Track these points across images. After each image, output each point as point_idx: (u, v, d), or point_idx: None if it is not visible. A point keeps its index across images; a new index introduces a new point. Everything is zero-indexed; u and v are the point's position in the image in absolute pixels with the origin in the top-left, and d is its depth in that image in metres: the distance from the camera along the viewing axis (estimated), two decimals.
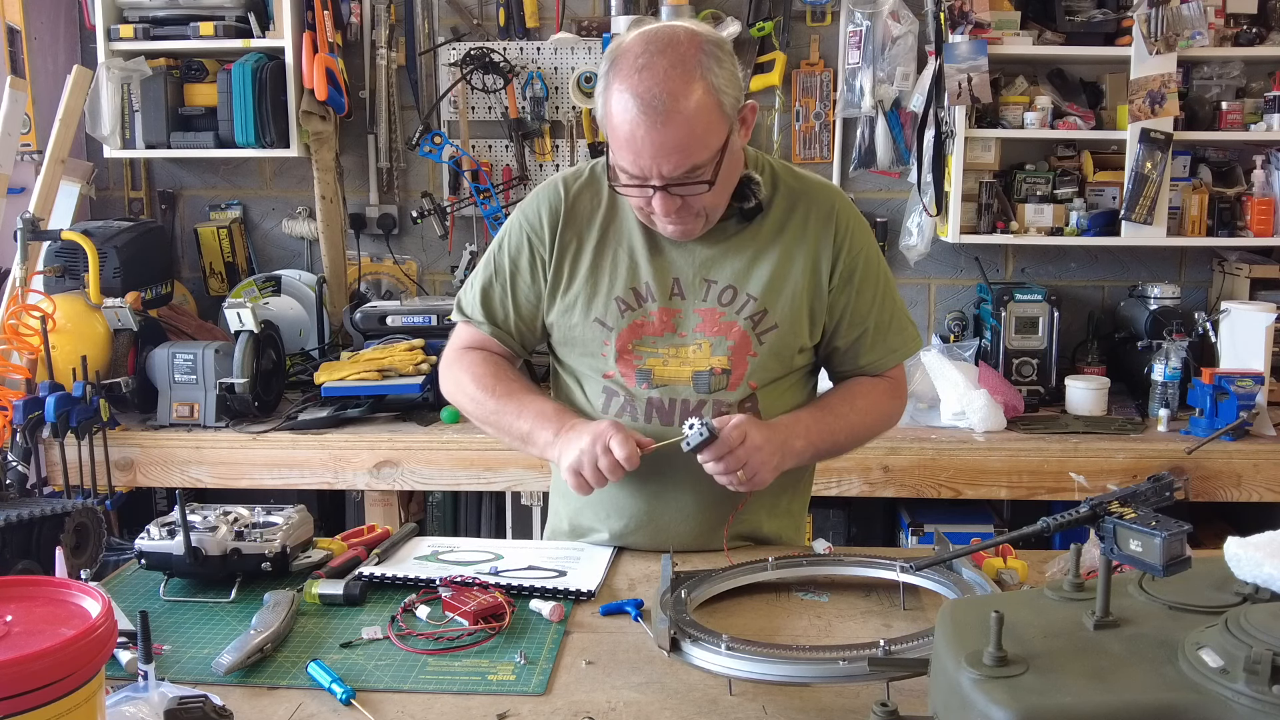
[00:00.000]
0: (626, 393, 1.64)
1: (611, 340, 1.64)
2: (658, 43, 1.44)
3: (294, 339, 3.35)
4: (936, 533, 1.58)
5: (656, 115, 1.42)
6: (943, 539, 1.53)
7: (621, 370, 1.64)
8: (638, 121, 1.43)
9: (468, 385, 1.69)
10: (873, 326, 1.68)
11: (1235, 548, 0.95)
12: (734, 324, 1.62)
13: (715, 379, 1.62)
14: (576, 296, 1.65)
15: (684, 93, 1.42)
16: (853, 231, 1.65)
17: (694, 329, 1.63)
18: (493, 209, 3.36)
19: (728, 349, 1.62)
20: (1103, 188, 3.24)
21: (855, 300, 1.66)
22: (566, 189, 1.67)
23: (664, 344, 1.63)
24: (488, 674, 1.27)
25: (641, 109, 1.42)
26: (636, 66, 1.43)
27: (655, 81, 1.42)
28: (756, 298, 1.62)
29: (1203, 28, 3.02)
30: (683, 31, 1.47)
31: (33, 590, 0.98)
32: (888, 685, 1.10)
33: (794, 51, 3.37)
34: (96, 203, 3.59)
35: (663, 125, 1.42)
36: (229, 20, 3.25)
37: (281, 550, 1.51)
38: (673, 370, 1.62)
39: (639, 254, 1.63)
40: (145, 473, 2.82)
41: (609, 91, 1.46)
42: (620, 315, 1.63)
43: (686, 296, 1.63)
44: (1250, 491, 2.70)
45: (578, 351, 1.68)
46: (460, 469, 2.80)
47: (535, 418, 1.61)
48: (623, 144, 1.46)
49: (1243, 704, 0.76)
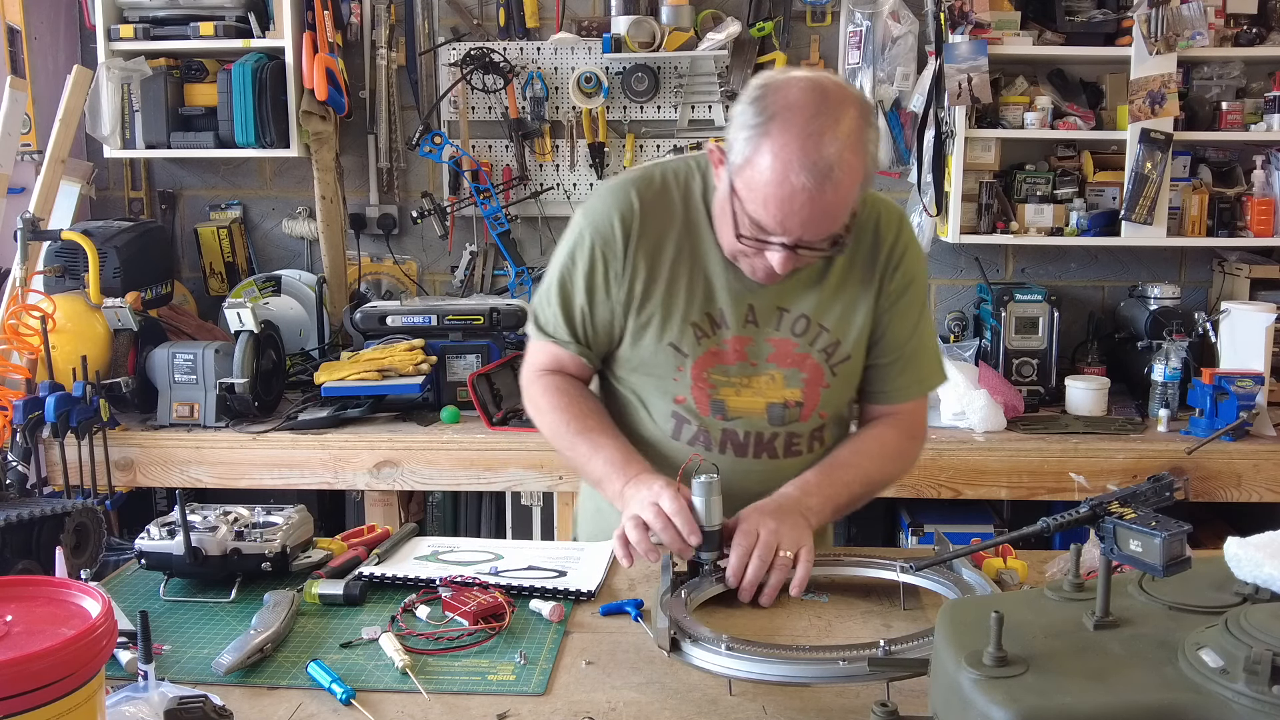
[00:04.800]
0: (699, 421, 1.61)
1: (687, 367, 1.59)
2: (831, 107, 1.35)
3: (294, 339, 3.35)
4: (936, 533, 1.58)
5: (823, 187, 1.34)
6: (943, 539, 1.53)
7: (695, 397, 1.60)
8: (799, 189, 1.34)
9: (547, 413, 1.65)
10: (907, 354, 1.64)
11: (1235, 548, 0.95)
12: (807, 356, 1.59)
13: (789, 411, 1.61)
14: (650, 318, 1.59)
15: (852, 166, 1.36)
16: (908, 256, 1.61)
17: (766, 358, 1.59)
18: (493, 209, 3.36)
19: (801, 381, 1.60)
20: (1103, 188, 3.24)
21: (896, 323, 1.62)
22: (640, 199, 1.58)
23: (737, 373, 1.59)
24: (488, 674, 1.27)
25: (809, 178, 1.34)
26: (808, 131, 1.33)
27: (829, 152, 1.33)
28: (830, 329, 1.59)
29: (1203, 28, 3.02)
30: (852, 94, 1.40)
31: (33, 590, 0.98)
32: (888, 685, 1.10)
33: (794, 51, 3.37)
34: (96, 203, 3.59)
35: (820, 197, 1.35)
36: (229, 20, 3.25)
37: (281, 550, 1.51)
38: (746, 401, 1.60)
39: (715, 277, 1.57)
40: (145, 473, 2.82)
41: (765, 142, 1.36)
42: (696, 342, 1.58)
43: (760, 324, 1.58)
44: (1250, 492, 2.69)
45: (645, 373, 1.63)
46: (460, 469, 2.80)
47: (605, 465, 1.56)
48: (770, 203, 1.38)
49: (1243, 704, 0.76)
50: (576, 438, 1.61)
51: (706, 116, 3.40)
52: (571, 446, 1.62)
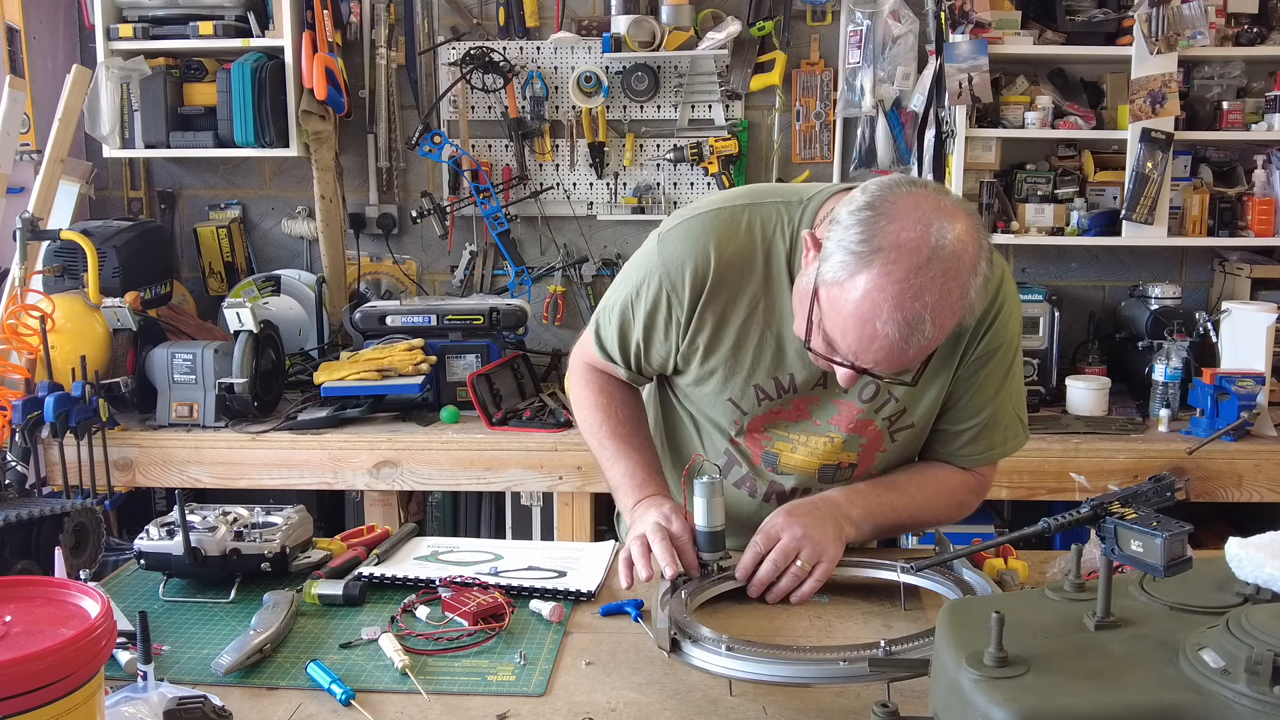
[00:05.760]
0: (751, 468, 1.59)
1: (744, 423, 1.56)
2: (942, 261, 1.22)
3: (293, 339, 3.35)
4: (937, 533, 1.58)
5: (908, 341, 1.24)
6: (943, 539, 1.53)
7: (749, 447, 1.58)
8: (883, 336, 1.24)
9: (586, 409, 1.66)
10: (983, 422, 1.54)
11: (1236, 548, 0.95)
12: (871, 423, 1.53)
13: (841, 471, 1.57)
14: (713, 371, 1.53)
15: (944, 325, 1.25)
16: (1002, 319, 1.48)
17: (829, 420, 1.53)
18: (492, 209, 3.36)
19: (859, 445, 1.55)
20: (1103, 187, 3.24)
21: (977, 390, 1.52)
22: (719, 252, 1.46)
23: (796, 430, 1.55)
24: (487, 674, 1.27)
25: (896, 330, 1.23)
26: (910, 285, 1.21)
27: (926, 308, 1.22)
28: (898, 398, 1.51)
29: (1203, 27, 3.02)
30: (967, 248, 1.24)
31: (32, 590, 0.98)
32: (888, 686, 1.10)
33: (794, 51, 3.36)
34: (96, 202, 3.59)
35: (909, 351, 1.26)
36: (228, 20, 3.25)
37: (281, 550, 1.51)
38: (801, 460, 1.56)
39: (786, 342, 1.48)
40: (144, 473, 2.82)
41: (863, 276, 1.24)
42: (757, 403, 1.53)
43: (829, 387, 1.50)
44: (1251, 492, 2.69)
45: (702, 413, 1.60)
46: (460, 469, 2.80)
47: (624, 476, 1.57)
48: (849, 335, 1.28)
49: (1244, 705, 0.76)
50: (606, 440, 1.62)
51: (706, 116, 3.40)
52: (600, 446, 1.64)
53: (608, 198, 3.46)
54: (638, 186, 3.43)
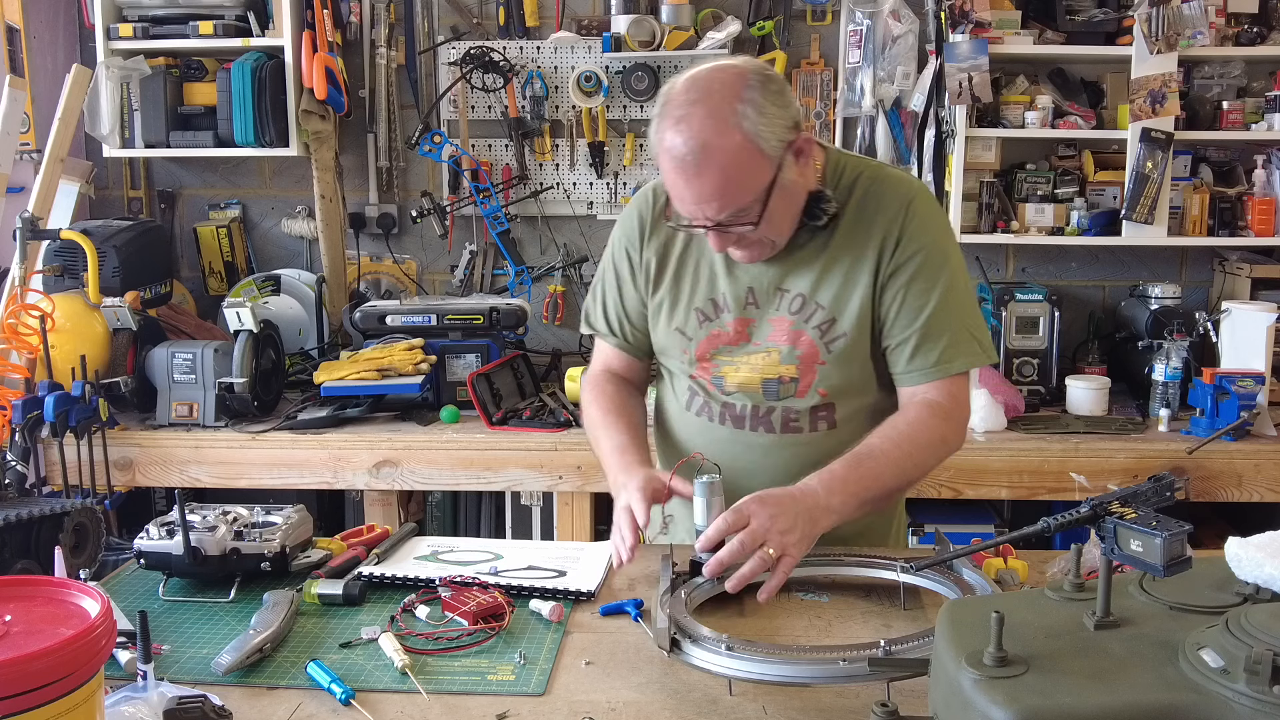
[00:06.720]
0: (706, 394, 1.70)
1: (690, 349, 1.68)
2: (696, 91, 1.45)
3: (293, 338, 3.35)
4: (937, 533, 1.58)
5: (692, 167, 1.44)
6: (943, 539, 1.53)
7: (701, 374, 1.69)
8: (677, 171, 1.46)
9: (587, 408, 1.78)
10: (923, 333, 1.58)
11: (1236, 548, 0.95)
12: (802, 333, 1.61)
13: (784, 386, 1.64)
14: (661, 303, 1.70)
15: (718, 144, 1.43)
16: (916, 226, 1.58)
17: (767, 337, 1.64)
18: (492, 208, 3.36)
19: (796, 358, 1.62)
20: (1103, 187, 3.24)
21: (908, 298, 1.57)
22: (657, 197, 1.70)
23: (739, 352, 1.65)
24: (487, 674, 1.27)
25: (679, 160, 1.44)
26: (675, 118, 1.44)
27: (691, 134, 1.43)
28: (825, 306, 1.60)
29: (1203, 27, 3.02)
30: (725, 76, 1.46)
31: (32, 590, 0.98)
32: (888, 685, 1.10)
33: (794, 51, 3.36)
34: (96, 202, 3.59)
35: (698, 177, 1.44)
36: (228, 19, 3.25)
37: (281, 550, 1.51)
38: (744, 377, 1.65)
39: (717, 265, 1.65)
40: (144, 472, 2.82)
41: (657, 136, 1.48)
42: (699, 326, 1.67)
43: (761, 305, 1.64)
44: (1251, 492, 2.69)
45: (665, 354, 1.75)
46: (460, 469, 2.80)
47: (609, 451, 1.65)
48: (672, 191, 1.51)
49: (1243, 704, 0.76)
50: (598, 429, 1.72)
51: None
52: (595, 439, 1.73)
53: (608, 197, 3.46)
54: (638, 186, 3.43)
